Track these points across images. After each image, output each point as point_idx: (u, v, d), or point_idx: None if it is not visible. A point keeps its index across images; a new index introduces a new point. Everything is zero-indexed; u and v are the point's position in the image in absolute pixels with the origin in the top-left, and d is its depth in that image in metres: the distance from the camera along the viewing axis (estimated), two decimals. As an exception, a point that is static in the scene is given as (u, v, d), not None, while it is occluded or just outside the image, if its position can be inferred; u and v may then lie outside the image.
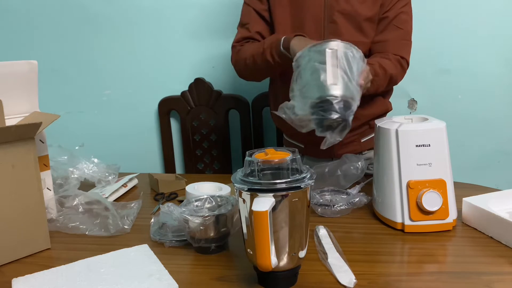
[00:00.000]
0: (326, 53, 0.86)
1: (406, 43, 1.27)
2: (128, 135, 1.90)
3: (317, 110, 0.85)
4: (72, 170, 1.23)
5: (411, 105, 1.75)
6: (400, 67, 1.25)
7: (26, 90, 1.04)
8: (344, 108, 0.85)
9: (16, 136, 0.89)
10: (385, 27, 1.25)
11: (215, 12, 1.75)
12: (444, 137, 0.96)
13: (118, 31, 1.81)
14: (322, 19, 1.23)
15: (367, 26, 1.23)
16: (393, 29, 1.25)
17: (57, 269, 0.84)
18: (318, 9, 1.22)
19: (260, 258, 0.70)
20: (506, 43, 1.66)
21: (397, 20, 1.24)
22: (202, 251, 0.90)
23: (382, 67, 1.18)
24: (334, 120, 0.85)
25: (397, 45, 1.25)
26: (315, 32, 1.23)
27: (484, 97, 1.71)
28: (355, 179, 1.17)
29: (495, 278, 0.78)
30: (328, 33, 1.23)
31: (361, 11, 1.21)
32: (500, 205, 0.97)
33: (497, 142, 1.74)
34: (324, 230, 0.96)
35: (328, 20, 1.23)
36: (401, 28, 1.25)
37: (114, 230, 1.01)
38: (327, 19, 1.23)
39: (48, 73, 1.83)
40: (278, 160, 0.75)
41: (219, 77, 1.80)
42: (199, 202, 0.96)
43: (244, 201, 0.73)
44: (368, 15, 1.22)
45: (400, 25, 1.25)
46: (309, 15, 1.23)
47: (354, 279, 0.77)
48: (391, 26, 1.25)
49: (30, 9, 1.82)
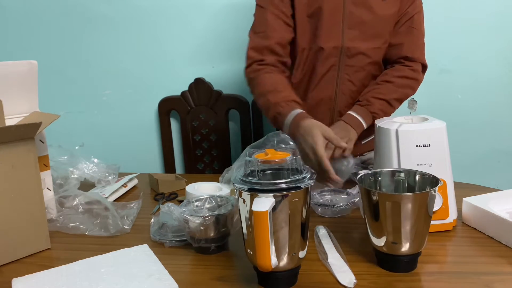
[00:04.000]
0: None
1: (422, 45, 1.29)
2: (128, 135, 1.89)
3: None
4: (72, 170, 1.23)
5: (411, 105, 1.75)
6: (410, 81, 1.26)
7: (26, 90, 1.04)
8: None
9: (16, 136, 0.89)
10: (400, 30, 1.26)
11: (215, 12, 1.75)
12: (444, 137, 0.96)
13: (118, 31, 1.81)
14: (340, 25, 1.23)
15: (385, 30, 1.25)
16: (408, 31, 1.26)
17: (57, 269, 0.84)
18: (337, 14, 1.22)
19: (260, 258, 0.70)
20: (506, 43, 1.66)
21: (411, 22, 1.26)
22: (202, 251, 0.90)
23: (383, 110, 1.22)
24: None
25: (412, 48, 1.27)
26: (333, 39, 1.23)
27: (484, 97, 1.71)
28: (348, 174, 1.17)
29: (495, 278, 0.78)
30: (346, 39, 1.23)
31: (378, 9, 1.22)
32: (500, 205, 0.97)
33: (497, 142, 1.74)
34: (324, 230, 0.96)
35: (346, 26, 1.22)
36: (415, 28, 1.26)
37: (114, 230, 1.01)
38: (346, 25, 1.23)
39: (48, 73, 1.83)
40: (278, 160, 0.75)
41: (219, 77, 1.80)
42: (199, 202, 0.96)
43: (244, 201, 0.73)
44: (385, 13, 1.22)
45: (416, 26, 1.26)
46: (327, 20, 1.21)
47: (354, 279, 0.77)
48: (406, 28, 1.26)
49: (30, 9, 1.82)
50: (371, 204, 0.80)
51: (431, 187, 0.81)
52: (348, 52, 1.24)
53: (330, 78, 1.27)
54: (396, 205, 0.76)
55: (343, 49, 1.24)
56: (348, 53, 1.25)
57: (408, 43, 1.26)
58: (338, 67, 1.26)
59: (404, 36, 1.26)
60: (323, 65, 1.26)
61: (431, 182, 0.82)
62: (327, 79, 1.27)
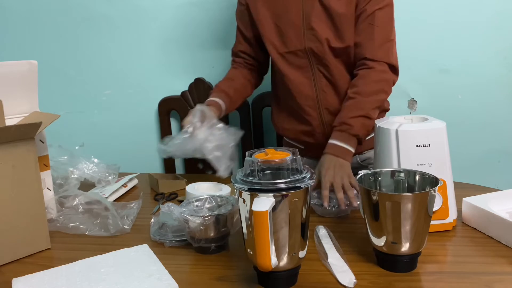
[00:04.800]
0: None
1: (386, 43, 1.21)
2: (128, 135, 1.89)
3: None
4: (72, 170, 1.23)
5: (411, 105, 1.75)
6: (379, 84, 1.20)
7: (26, 90, 1.04)
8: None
9: (16, 136, 0.89)
10: (361, 29, 1.21)
11: (215, 12, 1.75)
12: (444, 137, 0.96)
13: (118, 31, 1.81)
14: (301, 27, 1.24)
15: (345, 30, 1.21)
16: (369, 30, 1.20)
17: (57, 269, 0.84)
18: (296, 17, 1.24)
19: (260, 258, 0.70)
20: (506, 43, 1.66)
21: (372, 19, 1.20)
22: (202, 251, 0.90)
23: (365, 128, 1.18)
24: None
25: (373, 47, 1.20)
26: (296, 40, 1.25)
27: (484, 97, 1.71)
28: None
29: (495, 278, 0.78)
30: (308, 39, 1.24)
31: (336, 8, 1.20)
32: (500, 205, 0.97)
33: (497, 142, 1.74)
34: (324, 230, 0.96)
35: (306, 27, 1.24)
36: (377, 26, 1.19)
37: (114, 230, 1.01)
38: (306, 26, 1.24)
39: (48, 73, 1.83)
40: (278, 160, 0.75)
41: (219, 77, 1.79)
42: (199, 202, 0.96)
43: (244, 201, 0.73)
44: (344, 13, 1.20)
45: (376, 23, 1.19)
46: (290, 24, 1.25)
47: (354, 279, 0.78)
48: (366, 26, 1.20)
49: (31, 9, 1.82)
50: (371, 204, 0.80)
51: (431, 187, 0.81)
52: (312, 52, 1.25)
53: (306, 79, 1.28)
54: (396, 205, 0.77)
55: (307, 50, 1.25)
56: (313, 54, 1.25)
57: (367, 42, 1.20)
58: (310, 67, 1.27)
59: (364, 35, 1.21)
60: (296, 68, 1.28)
61: (431, 182, 0.82)
62: (302, 81, 1.29)
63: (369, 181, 0.87)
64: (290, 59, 1.29)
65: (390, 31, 1.23)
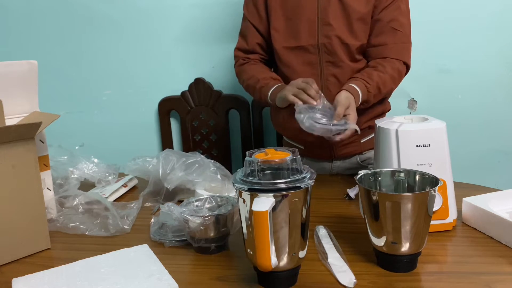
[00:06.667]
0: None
1: (406, 46, 1.27)
2: (128, 135, 1.89)
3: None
4: (72, 170, 1.23)
5: (411, 105, 1.75)
6: (398, 76, 1.25)
7: (26, 90, 1.04)
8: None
9: (16, 136, 0.89)
10: (382, 30, 1.25)
11: (215, 12, 1.75)
12: (444, 137, 0.96)
13: (118, 31, 1.81)
14: (316, 22, 1.24)
15: (359, 28, 1.24)
16: (391, 32, 1.24)
17: (57, 269, 0.84)
18: (311, 12, 1.24)
19: (260, 258, 0.70)
20: (506, 43, 1.66)
21: (394, 22, 1.24)
22: (202, 251, 0.90)
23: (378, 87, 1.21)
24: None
25: (396, 49, 1.25)
26: (309, 35, 1.25)
27: (484, 97, 1.71)
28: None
29: (495, 278, 0.78)
30: (322, 35, 1.24)
31: (355, 6, 1.22)
32: (500, 205, 0.97)
33: (497, 142, 1.74)
34: (324, 230, 0.96)
35: (322, 23, 1.24)
36: (399, 30, 1.24)
37: (114, 230, 1.01)
38: (321, 21, 1.24)
39: (48, 73, 1.83)
40: (278, 160, 0.75)
41: (219, 77, 1.80)
42: (199, 202, 0.96)
43: (244, 201, 0.73)
44: (362, 11, 1.22)
45: (398, 27, 1.24)
46: (303, 19, 1.25)
47: (354, 279, 0.77)
48: (388, 28, 1.24)
49: (31, 9, 1.82)
50: (371, 204, 0.80)
51: (431, 187, 0.81)
52: (325, 48, 1.25)
53: (312, 76, 1.28)
54: (396, 205, 0.77)
55: (320, 45, 1.25)
56: (325, 50, 1.25)
57: (388, 44, 1.25)
58: (319, 64, 1.27)
59: (385, 37, 1.25)
60: (304, 63, 1.28)
61: (431, 182, 0.82)
62: (309, 77, 1.28)
63: (369, 181, 0.87)
64: (299, 54, 1.28)
65: (409, 35, 1.28)
